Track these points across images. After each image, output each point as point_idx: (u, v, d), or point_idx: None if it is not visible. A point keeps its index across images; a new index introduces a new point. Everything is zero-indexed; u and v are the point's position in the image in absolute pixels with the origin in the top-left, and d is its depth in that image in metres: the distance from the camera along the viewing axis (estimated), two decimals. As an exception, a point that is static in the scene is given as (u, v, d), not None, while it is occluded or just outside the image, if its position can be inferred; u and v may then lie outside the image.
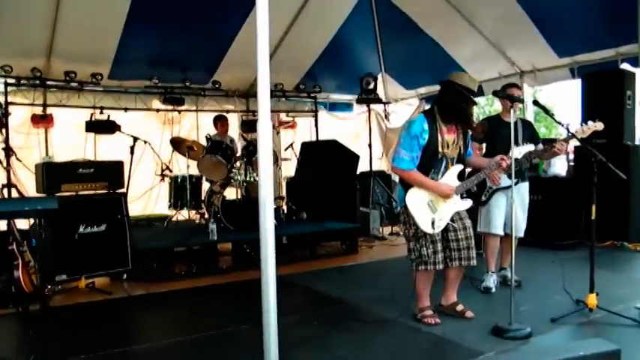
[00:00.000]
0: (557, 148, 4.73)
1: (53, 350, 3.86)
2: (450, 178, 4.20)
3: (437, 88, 8.39)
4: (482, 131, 5.09)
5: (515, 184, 5.07)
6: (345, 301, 5.08)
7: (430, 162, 4.14)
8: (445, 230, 4.22)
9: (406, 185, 4.17)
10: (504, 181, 4.93)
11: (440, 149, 4.12)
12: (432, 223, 4.10)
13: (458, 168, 4.26)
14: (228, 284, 5.81)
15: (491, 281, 5.22)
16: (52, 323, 4.63)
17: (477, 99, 4.35)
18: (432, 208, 4.13)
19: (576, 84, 7.34)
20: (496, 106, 22.74)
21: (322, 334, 4.19)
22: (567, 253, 6.44)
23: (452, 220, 4.21)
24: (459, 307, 4.33)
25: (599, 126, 4.40)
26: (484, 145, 5.41)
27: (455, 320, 4.30)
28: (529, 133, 5.24)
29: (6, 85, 7.18)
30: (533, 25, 6.85)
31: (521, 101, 4.57)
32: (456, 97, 4.11)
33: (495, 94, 4.61)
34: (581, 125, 4.49)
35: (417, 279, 4.30)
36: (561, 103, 21.70)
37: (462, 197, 4.28)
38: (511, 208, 4.35)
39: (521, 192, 5.28)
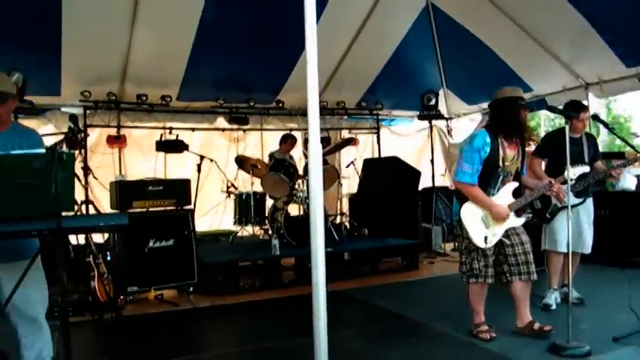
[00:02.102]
0: (614, 175, 4.75)
1: (124, 356, 4.10)
2: (505, 194, 4.22)
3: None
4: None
5: (583, 202, 5.04)
6: (405, 316, 5.12)
7: (489, 175, 4.17)
8: (501, 246, 4.23)
9: (462, 199, 4.22)
10: (570, 199, 4.83)
11: (500, 163, 4.15)
12: (485, 239, 4.14)
13: (513, 185, 4.28)
14: (289, 298, 5.94)
15: (552, 298, 5.13)
16: (123, 331, 4.91)
17: (541, 111, 4.41)
18: (485, 223, 4.16)
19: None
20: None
21: (378, 349, 4.25)
22: (635, 271, 6.21)
23: (507, 235, 4.21)
24: (536, 326, 4.24)
25: None
26: (544, 161, 5.37)
27: (513, 336, 4.27)
28: (593, 148, 5.16)
29: (85, 108, 7.63)
30: (598, 36, 6.68)
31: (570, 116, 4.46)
32: (504, 110, 4.18)
33: (551, 109, 4.57)
34: None
35: (469, 293, 4.33)
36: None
37: (516, 214, 4.27)
38: (576, 225, 4.36)
39: (587, 208, 5.20)
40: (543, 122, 23.50)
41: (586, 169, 4.39)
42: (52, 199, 2.54)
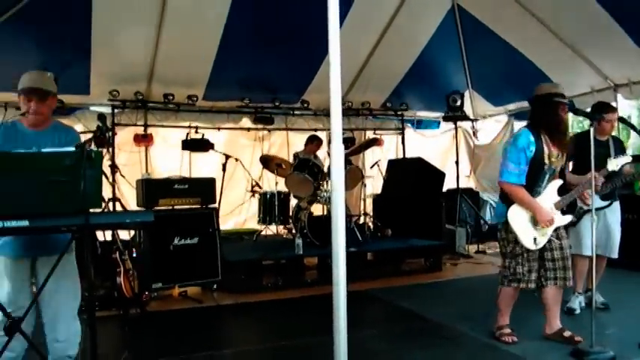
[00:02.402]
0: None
1: (148, 350, 4.18)
2: (551, 192, 4.17)
3: (525, 104, 8.31)
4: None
5: (609, 205, 4.98)
6: (427, 317, 5.12)
7: (536, 174, 4.11)
8: (542, 249, 4.17)
9: (508, 201, 4.14)
10: (596, 202, 4.69)
11: (546, 161, 4.10)
12: (534, 240, 4.08)
13: (558, 183, 4.22)
14: (312, 297, 5.96)
15: (577, 303, 5.09)
16: (148, 326, 5.01)
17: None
18: (533, 224, 4.08)
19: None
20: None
21: (399, 349, 4.27)
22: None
23: (549, 239, 4.15)
24: (567, 333, 4.16)
25: None
26: (570, 163, 5.31)
27: (536, 340, 4.24)
28: (620, 151, 5.08)
29: (113, 107, 7.78)
30: (626, 36, 6.60)
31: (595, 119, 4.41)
32: (544, 107, 4.13)
33: (575, 112, 4.48)
34: None
35: (501, 294, 4.29)
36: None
37: (562, 212, 4.22)
38: (604, 228, 4.33)
39: (615, 211, 5.13)
40: (572, 124, 23.21)
41: (628, 159, 4.33)
42: (80, 195, 2.61)
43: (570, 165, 5.27)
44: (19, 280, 3.16)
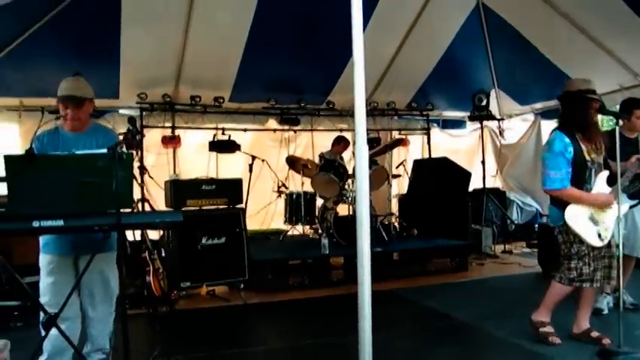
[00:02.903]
0: None
1: (177, 347, 4.25)
2: (600, 186, 4.11)
3: (552, 103, 8.24)
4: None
5: (637, 204, 4.90)
6: (452, 316, 5.13)
7: (582, 174, 4.06)
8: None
9: (560, 203, 4.07)
10: (623, 201, 4.69)
11: (587, 158, 4.05)
12: (599, 235, 4.02)
13: (605, 174, 4.17)
14: (338, 296, 6.00)
15: (604, 303, 5.03)
16: (176, 324, 5.09)
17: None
18: (594, 220, 4.03)
19: None
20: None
21: (424, 349, 4.29)
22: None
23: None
24: (595, 334, 4.11)
25: None
26: None
27: (560, 339, 4.20)
28: None
29: (141, 110, 7.91)
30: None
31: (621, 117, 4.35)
32: (575, 104, 4.09)
33: (603, 112, 4.40)
34: None
35: (555, 292, 4.20)
36: None
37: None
38: (632, 227, 4.33)
39: None
40: (601, 121, 22.78)
41: None
42: (112, 196, 2.70)
43: None
44: (63, 276, 3.29)
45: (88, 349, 3.54)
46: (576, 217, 3.99)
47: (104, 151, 2.85)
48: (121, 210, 2.86)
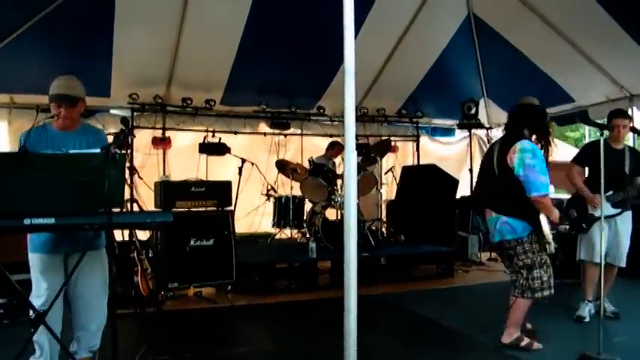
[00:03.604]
0: None
1: (163, 347, 4.28)
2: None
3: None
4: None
5: (620, 213, 5.01)
6: (438, 322, 5.19)
7: None
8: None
9: (526, 214, 4.13)
10: (607, 209, 4.84)
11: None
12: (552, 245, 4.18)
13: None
14: (325, 300, 6.01)
15: (586, 311, 5.12)
16: (163, 324, 5.13)
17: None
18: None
19: None
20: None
21: (409, 353, 4.35)
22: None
23: None
24: (524, 342, 4.25)
25: None
26: (586, 170, 5.38)
27: (542, 345, 4.28)
28: (635, 162, 5.10)
29: (132, 110, 7.90)
30: (637, 46, 6.62)
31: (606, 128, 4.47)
32: (541, 117, 4.37)
33: (585, 122, 4.58)
34: None
35: (520, 307, 4.24)
36: None
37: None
38: (614, 237, 4.71)
39: (626, 220, 5.17)
40: (588, 133, 22.99)
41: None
42: (104, 195, 2.73)
43: (586, 171, 5.36)
44: (53, 275, 3.31)
45: (74, 347, 3.55)
46: (546, 224, 4.12)
47: (97, 150, 2.88)
48: (112, 209, 2.88)
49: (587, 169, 5.42)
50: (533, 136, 4.30)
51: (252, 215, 8.91)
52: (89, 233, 3.06)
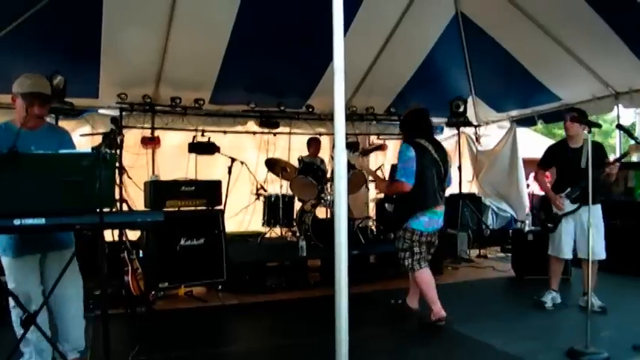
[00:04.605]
0: (608, 171, 5.05)
1: (155, 346, 4.29)
2: None
3: (528, 110, 8.46)
4: None
5: (578, 208, 5.17)
6: (427, 318, 5.21)
7: None
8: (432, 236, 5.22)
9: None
10: (567, 206, 5.29)
11: None
12: None
13: None
14: (315, 298, 6.06)
15: (549, 298, 5.45)
16: (155, 324, 5.13)
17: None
18: None
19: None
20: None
21: (399, 348, 4.38)
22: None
23: None
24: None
25: None
26: (553, 172, 5.77)
27: (530, 340, 4.37)
28: (597, 156, 5.17)
29: (121, 110, 7.84)
30: (623, 44, 6.68)
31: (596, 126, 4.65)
32: (428, 119, 5.31)
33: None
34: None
35: (427, 279, 5.02)
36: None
37: None
38: (581, 231, 5.09)
39: (594, 214, 5.19)
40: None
41: None
42: (95, 195, 2.73)
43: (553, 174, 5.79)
44: (24, 277, 3.30)
45: (62, 348, 3.56)
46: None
47: (67, 150, 2.87)
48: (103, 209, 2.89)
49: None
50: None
51: (242, 214, 8.92)
52: (60, 233, 3.06)
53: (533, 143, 15.01)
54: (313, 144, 8.67)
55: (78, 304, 3.58)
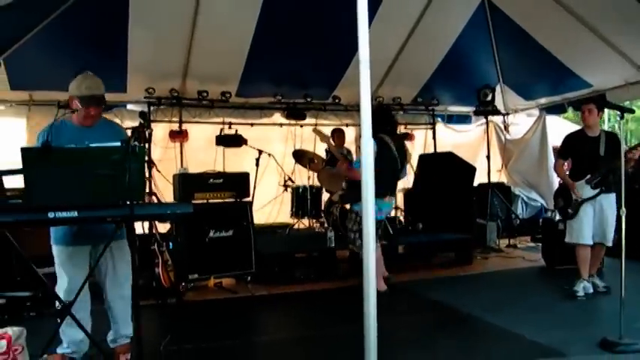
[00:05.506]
0: (629, 157, 4.99)
1: (185, 337, 4.35)
2: None
3: (557, 98, 8.32)
4: None
5: (599, 194, 5.13)
6: (455, 308, 5.20)
7: None
8: None
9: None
10: (588, 192, 5.29)
11: None
12: None
13: None
14: (344, 289, 6.09)
15: (581, 287, 5.35)
16: (185, 315, 5.20)
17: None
18: None
19: None
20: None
21: (427, 338, 4.37)
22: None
23: None
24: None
25: None
26: (568, 161, 5.78)
27: (563, 330, 4.31)
28: (612, 146, 5.17)
29: (149, 104, 7.96)
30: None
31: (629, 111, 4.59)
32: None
33: (605, 105, 4.78)
34: None
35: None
36: None
37: None
38: (600, 217, 5.14)
39: (611, 202, 5.33)
40: (608, 118, 22.56)
41: None
42: (126, 188, 2.78)
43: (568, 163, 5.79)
44: (77, 267, 3.40)
45: (112, 336, 3.69)
46: None
47: (116, 143, 2.94)
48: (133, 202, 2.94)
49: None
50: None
51: (271, 206, 8.97)
52: (110, 225, 3.12)
53: (565, 131, 14.74)
54: (337, 134, 8.63)
55: (129, 293, 3.68)
